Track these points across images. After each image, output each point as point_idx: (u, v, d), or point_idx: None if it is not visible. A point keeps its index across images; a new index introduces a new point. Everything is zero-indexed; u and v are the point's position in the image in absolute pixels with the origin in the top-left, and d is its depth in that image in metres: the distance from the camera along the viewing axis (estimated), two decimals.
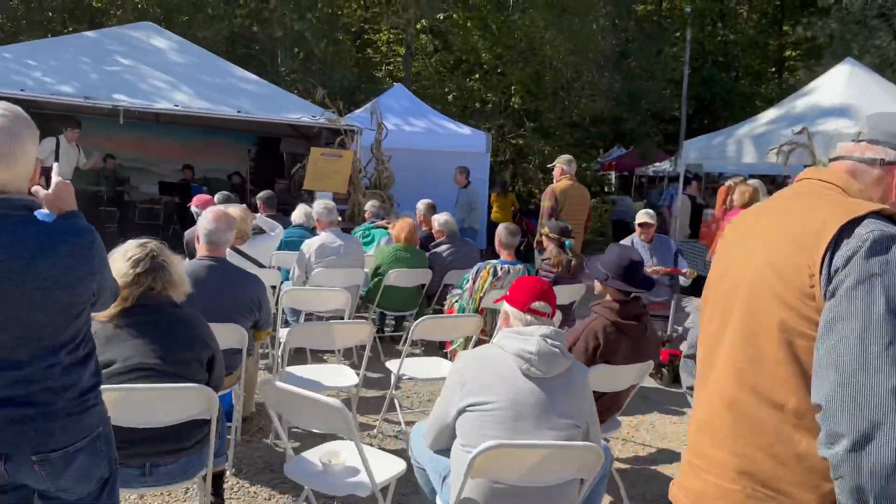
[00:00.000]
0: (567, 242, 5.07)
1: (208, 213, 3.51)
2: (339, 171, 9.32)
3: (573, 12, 16.49)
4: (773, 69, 29.11)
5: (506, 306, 2.43)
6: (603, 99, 17.61)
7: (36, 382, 1.68)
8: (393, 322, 6.14)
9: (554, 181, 6.55)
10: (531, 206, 14.68)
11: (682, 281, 4.92)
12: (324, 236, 5.42)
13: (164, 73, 9.86)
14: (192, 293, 3.39)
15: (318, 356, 5.34)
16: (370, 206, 7.53)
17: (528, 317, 2.34)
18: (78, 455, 1.75)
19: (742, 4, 29.37)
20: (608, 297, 3.17)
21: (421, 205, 6.61)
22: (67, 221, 1.77)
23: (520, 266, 4.85)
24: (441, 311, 6.13)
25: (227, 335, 3.26)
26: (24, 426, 1.68)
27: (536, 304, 2.34)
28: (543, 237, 5.21)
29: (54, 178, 1.85)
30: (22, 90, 8.55)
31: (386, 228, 7.49)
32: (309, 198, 10.23)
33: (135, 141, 12.82)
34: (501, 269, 4.77)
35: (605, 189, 22.75)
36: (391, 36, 22.04)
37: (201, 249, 3.50)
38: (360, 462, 2.50)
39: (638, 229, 5.48)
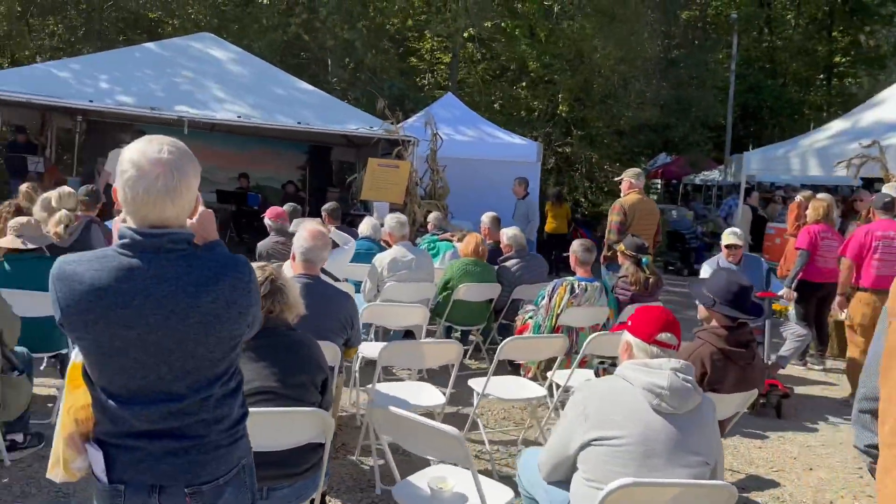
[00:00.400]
0: (644, 259, 5.00)
1: (304, 231, 3.53)
2: (397, 181, 9.36)
3: (622, 20, 16.35)
4: (822, 76, 28.42)
5: (627, 336, 2.39)
6: (651, 106, 17.41)
7: (191, 415, 1.69)
8: (458, 335, 6.12)
9: (621, 195, 6.47)
10: (576, 215, 14.59)
11: (783, 303, 4.80)
12: (396, 250, 5.43)
13: (225, 84, 10.02)
14: None
15: (388, 370, 5.34)
16: (434, 217, 7.54)
17: (654, 349, 2.30)
18: (227, 487, 1.76)
19: (789, 10, 28.81)
20: (714, 323, 3.10)
21: (486, 218, 6.58)
22: (218, 252, 1.78)
23: (597, 283, 4.79)
24: (509, 326, 6.10)
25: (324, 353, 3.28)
26: (178, 458, 1.69)
27: (663, 336, 2.29)
28: (619, 254, 5.15)
29: (199, 208, 1.85)
30: (91, 101, 8.76)
31: (450, 241, 7.51)
32: (364, 208, 10.30)
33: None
34: (579, 286, 4.72)
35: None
36: (434, 44, 22.12)
37: (297, 267, 3.53)
38: (467, 488, 2.48)
39: (725, 251, 5.39)
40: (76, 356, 1.75)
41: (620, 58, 15.99)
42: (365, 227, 6.44)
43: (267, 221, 6.19)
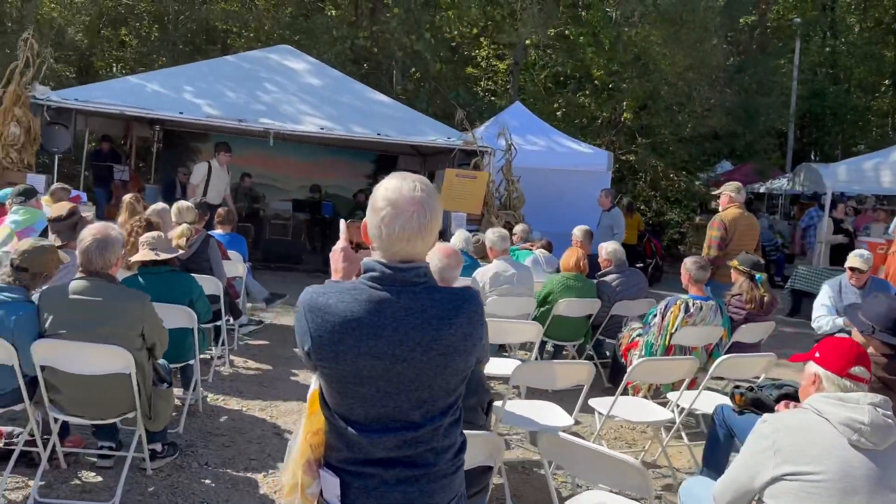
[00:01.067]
0: (758, 276, 4.90)
1: (439, 250, 3.55)
2: (474, 192, 9.39)
3: (690, 27, 16.12)
4: (888, 81, 27.48)
5: (815, 368, 2.34)
6: (719, 114, 17.11)
7: (424, 443, 1.73)
8: (552, 350, 6.09)
9: (720, 209, 6.35)
10: (648, 225, 14.40)
11: None
12: (497, 264, 5.44)
13: (304, 95, 10.20)
14: None
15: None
16: (520, 230, 7.52)
17: (847, 382, 2.25)
18: None
19: (853, 14, 27.96)
20: (871, 350, 3.02)
21: (578, 231, 6.53)
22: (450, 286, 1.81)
23: (712, 302, 4.71)
24: (603, 342, 6.06)
25: None
26: (410, 486, 1.72)
27: (856, 370, 2.24)
28: (732, 270, 5.06)
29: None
30: (181, 112, 9.02)
31: (530, 250, 7.49)
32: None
33: (260, 158, 13.29)
34: (693, 305, 4.65)
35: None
36: (490, 51, 22.13)
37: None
38: None
39: (848, 272, 5.26)
40: (315, 384, 1.80)
41: (689, 65, 15.77)
42: (457, 240, 6.47)
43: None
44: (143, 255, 4.18)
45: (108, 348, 3.17)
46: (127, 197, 6.82)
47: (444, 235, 7.49)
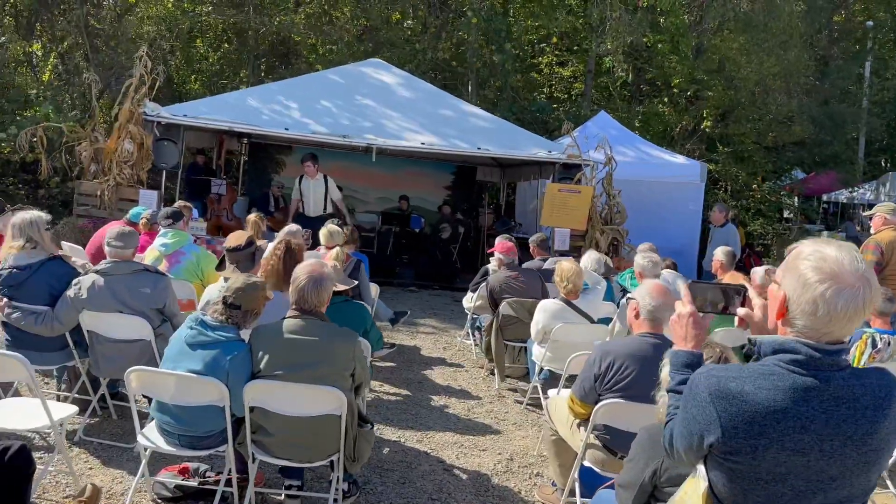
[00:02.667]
0: None
1: (649, 288, 3.37)
2: (578, 207, 9.18)
3: (775, 32, 15.65)
4: None
5: None
6: (804, 122, 16.56)
7: None
8: None
9: (872, 231, 6.03)
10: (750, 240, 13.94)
11: None
12: None
13: (401, 110, 10.12)
14: (635, 371, 3.29)
15: None
16: (645, 248, 7.24)
17: None
18: None
19: None
20: None
21: (720, 253, 6.26)
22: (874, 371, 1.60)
23: None
24: None
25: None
26: None
27: None
28: None
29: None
30: (286, 129, 9.02)
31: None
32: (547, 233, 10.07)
33: (340, 169, 13.28)
34: (881, 339, 4.36)
35: (788, 216, 21.23)
36: (553, 58, 21.87)
37: (642, 325, 3.37)
38: None
39: None
40: (701, 479, 1.63)
41: (776, 72, 15.30)
42: (588, 260, 6.26)
43: (498, 255, 6.11)
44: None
45: (323, 389, 3.06)
46: (252, 216, 6.83)
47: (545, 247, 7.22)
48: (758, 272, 5.64)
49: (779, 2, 15.86)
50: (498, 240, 6.98)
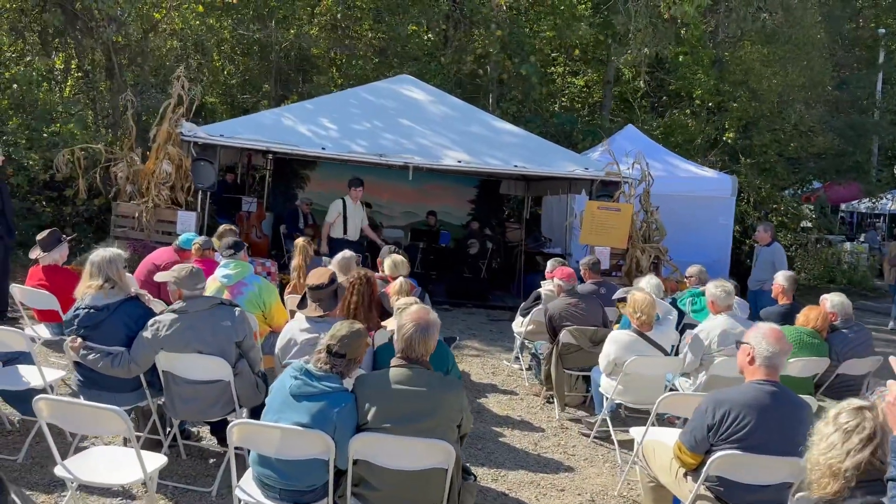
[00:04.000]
0: None
1: (765, 333, 3.25)
2: (618, 225, 9.07)
3: (797, 43, 15.55)
4: None
5: None
6: (827, 133, 16.44)
7: None
8: None
9: None
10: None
11: None
12: (724, 321, 5.10)
13: (434, 127, 10.03)
14: (752, 421, 3.15)
15: None
16: (696, 271, 7.12)
17: None
18: None
19: None
20: None
21: (782, 278, 6.12)
22: None
23: None
24: (826, 406, 5.64)
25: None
26: None
27: None
28: None
29: None
30: (324, 148, 8.93)
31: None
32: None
33: (366, 184, 13.19)
34: None
35: (806, 225, 21.07)
36: (567, 68, 21.79)
37: (757, 372, 3.24)
38: None
39: None
40: None
41: (801, 84, 15.21)
42: (649, 287, 6.14)
43: (558, 282, 5.99)
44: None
45: (431, 443, 2.95)
46: (300, 240, 6.70)
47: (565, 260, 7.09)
48: (828, 300, 5.54)
49: (800, 13, 15.77)
50: (550, 263, 6.90)
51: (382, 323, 4.08)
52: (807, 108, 16.71)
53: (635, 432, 4.26)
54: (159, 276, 4.32)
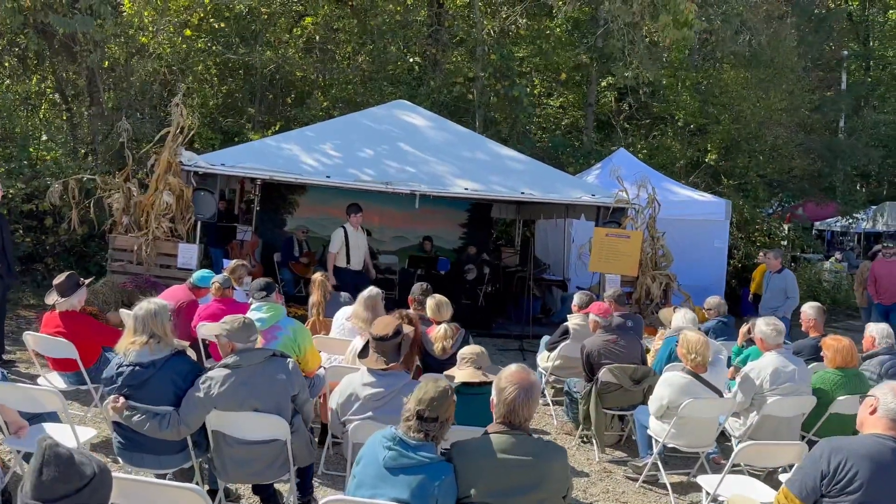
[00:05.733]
0: None
1: (892, 386, 3.09)
2: (628, 252, 8.99)
3: (778, 67, 15.84)
4: None
5: None
6: (803, 155, 16.74)
7: None
8: None
9: None
10: None
11: None
12: (775, 359, 4.98)
13: (437, 153, 9.87)
14: (870, 474, 2.98)
15: None
16: (715, 303, 7.06)
17: None
18: None
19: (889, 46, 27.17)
20: None
21: (811, 310, 6.07)
22: None
23: None
24: None
25: None
26: None
27: None
28: None
29: None
30: (328, 176, 8.69)
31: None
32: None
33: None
34: None
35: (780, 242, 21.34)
36: (542, 89, 21.87)
37: (877, 424, 3.06)
38: None
39: None
40: None
41: (783, 107, 15.47)
42: (685, 321, 6.01)
43: (594, 318, 5.84)
44: (469, 374, 3.74)
45: None
46: (318, 276, 6.48)
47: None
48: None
49: (778, 37, 16.08)
50: (578, 296, 6.76)
51: (447, 372, 3.85)
52: (785, 130, 17.01)
53: (706, 481, 4.10)
54: (207, 329, 4.04)
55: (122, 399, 3.59)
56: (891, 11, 26.23)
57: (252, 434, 3.64)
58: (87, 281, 5.03)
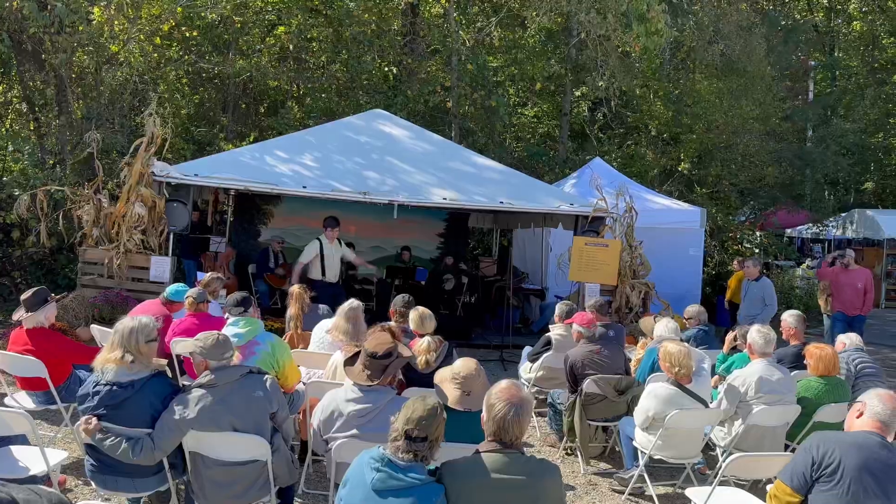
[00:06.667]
0: None
1: (880, 394, 3.09)
2: (607, 261, 8.98)
3: (751, 77, 16.05)
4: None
5: None
6: (775, 164, 16.97)
7: None
8: None
9: None
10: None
11: None
12: (762, 367, 4.96)
13: (415, 163, 9.79)
14: (858, 463, 2.98)
15: None
16: (695, 312, 7.06)
17: None
18: None
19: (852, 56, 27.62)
20: None
21: (791, 318, 6.07)
22: None
23: None
24: None
25: None
26: None
27: None
28: None
29: None
30: (304, 187, 8.57)
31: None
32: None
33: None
34: None
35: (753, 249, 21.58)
36: (517, 99, 21.94)
37: (865, 424, 3.07)
38: None
39: None
40: None
41: (756, 116, 15.67)
42: (667, 331, 5.97)
43: (577, 328, 5.79)
44: (454, 399, 3.62)
45: None
46: (296, 288, 6.33)
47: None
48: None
49: (749, 46, 16.30)
50: (560, 307, 6.70)
51: (437, 384, 3.74)
52: (756, 139, 17.23)
53: (694, 494, 4.06)
54: (181, 346, 3.90)
55: (94, 420, 3.44)
56: (855, 22, 26.84)
57: (231, 455, 3.51)
58: (56, 296, 4.84)
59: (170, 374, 4.51)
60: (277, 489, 3.77)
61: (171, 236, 8.37)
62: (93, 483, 3.62)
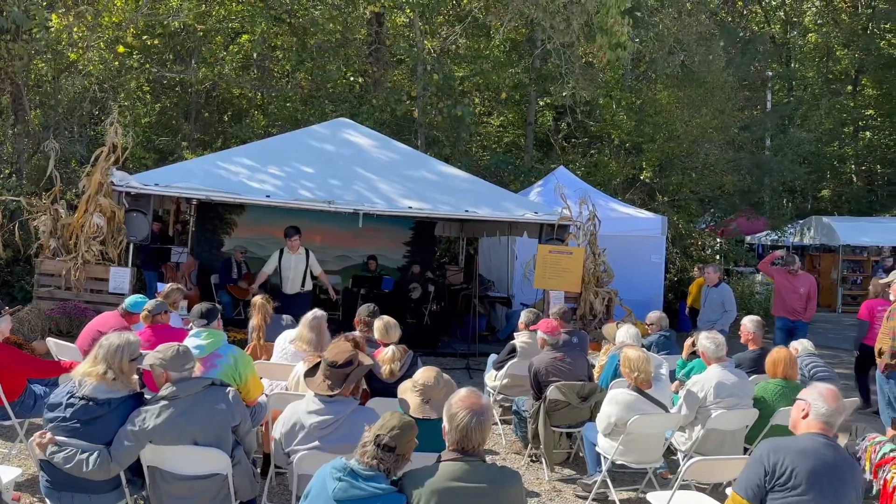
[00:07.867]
0: None
1: (822, 392, 3.17)
2: (570, 268, 9.08)
3: (712, 87, 16.39)
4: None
5: None
6: (734, 172, 17.35)
7: None
8: None
9: (892, 297, 6.16)
10: None
11: None
12: (718, 372, 5.06)
13: (380, 172, 9.79)
14: (807, 468, 3.06)
15: None
16: (656, 318, 7.18)
17: None
18: None
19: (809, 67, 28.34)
20: None
21: (750, 323, 6.20)
22: None
23: None
24: None
25: None
26: None
27: None
28: None
29: None
30: (268, 196, 8.51)
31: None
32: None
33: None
34: None
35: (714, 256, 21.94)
36: (483, 108, 22.10)
37: (811, 426, 3.15)
38: None
39: None
40: None
41: (715, 125, 16.00)
42: (628, 337, 6.06)
43: (541, 335, 5.83)
44: (414, 407, 3.63)
45: None
46: (258, 298, 6.26)
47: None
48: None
49: (711, 57, 16.67)
50: (525, 314, 6.75)
51: (401, 395, 3.74)
52: (716, 148, 17.60)
53: (655, 498, 4.12)
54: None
55: (48, 435, 3.36)
56: (810, 34, 27.62)
57: (191, 469, 3.46)
58: (10, 309, 4.72)
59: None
60: (238, 503, 3.73)
61: (131, 247, 8.24)
62: (48, 500, 3.54)
